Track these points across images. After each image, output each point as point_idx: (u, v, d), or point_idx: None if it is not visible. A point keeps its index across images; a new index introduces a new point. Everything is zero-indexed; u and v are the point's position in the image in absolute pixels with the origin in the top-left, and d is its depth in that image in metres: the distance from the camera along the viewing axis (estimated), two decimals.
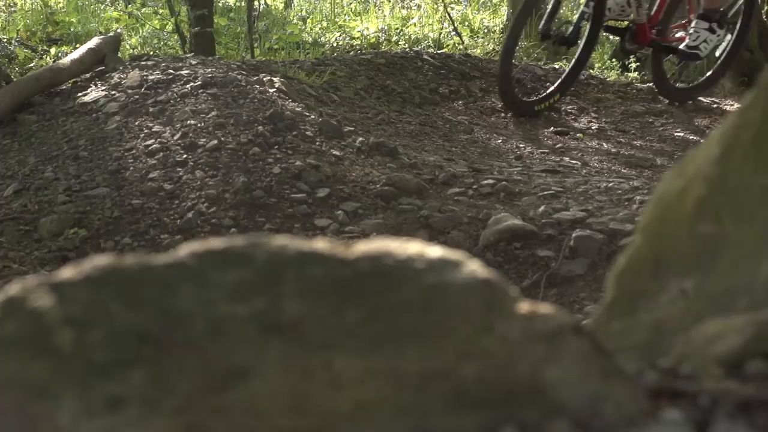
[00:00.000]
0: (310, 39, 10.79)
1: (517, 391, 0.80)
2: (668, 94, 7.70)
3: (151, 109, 5.49)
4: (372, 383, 0.79)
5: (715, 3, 7.16)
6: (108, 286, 0.83)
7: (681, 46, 7.26)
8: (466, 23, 11.86)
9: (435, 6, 11.97)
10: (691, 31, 7.26)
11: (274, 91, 5.74)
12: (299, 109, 5.57)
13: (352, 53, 9.78)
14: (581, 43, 6.99)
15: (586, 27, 6.94)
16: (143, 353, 0.79)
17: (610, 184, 4.76)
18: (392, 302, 0.84)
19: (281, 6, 13.15)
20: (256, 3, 10.27)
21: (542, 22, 6.96)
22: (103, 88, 6.00)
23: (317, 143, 5.13)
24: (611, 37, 11.74)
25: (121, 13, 11.20)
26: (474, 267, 0.87)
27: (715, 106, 8.05)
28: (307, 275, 0.85)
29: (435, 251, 0.88)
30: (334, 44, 10.68)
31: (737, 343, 0.86)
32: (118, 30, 10.55)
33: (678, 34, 7.50)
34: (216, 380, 0.79)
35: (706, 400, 0.80)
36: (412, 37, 11.14)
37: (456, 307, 0.84)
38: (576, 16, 7.01)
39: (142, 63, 6.34)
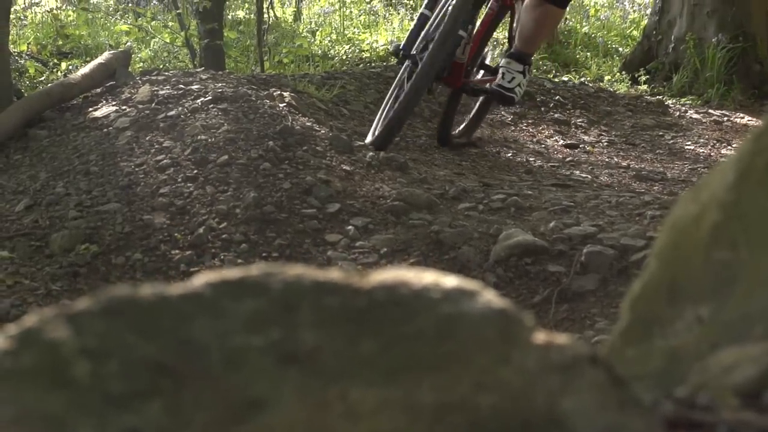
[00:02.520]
0: (320, 52, 10.81)
1: (533, 422, 0.80)
2: (447, 142, 6.45)
3: (161, 124, 5.50)
4: (387, 415, 0.79)
5: (531, 47, 6.18)
6: (124, 317, 0.83)
7: (495, 87, 6.01)
8: None
9: None
10: (504, 71, 6.05)
11: (284, 106, 5.74)
12: (309, 124, 5.57)
13: (361, 66, 9.79)
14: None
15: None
16: (160, 385, 0.79)
17: (621, 199, 4.76)
18: (408, 332, 0.84)
19: (291, 19, 13.17)
20: (265, 16, 10.29)
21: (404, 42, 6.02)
22: (114, 103, 6.01)
23: (327, 158, 5.13)
24: (620, 49, 11.76)
25: (131, 26, 11.22)
26: (490, 297, 0.87)
27: (725, 119, 8.05)
28: (323, 305, 0.85)
29: (450, 281, 0.88)
30: (344, 57, 10.69)
31: (754, 372, 0.86)
32: (129, 44, 10.58)
33: (479, 75, 6.49)
34: (233, 411, 0.79)
35: (724, 430, 0.80)
36: None
37: (472, 337, 0.84)
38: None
39: (153, 78, 6.35)
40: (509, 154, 6.36)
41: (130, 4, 12.89)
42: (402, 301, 0.86)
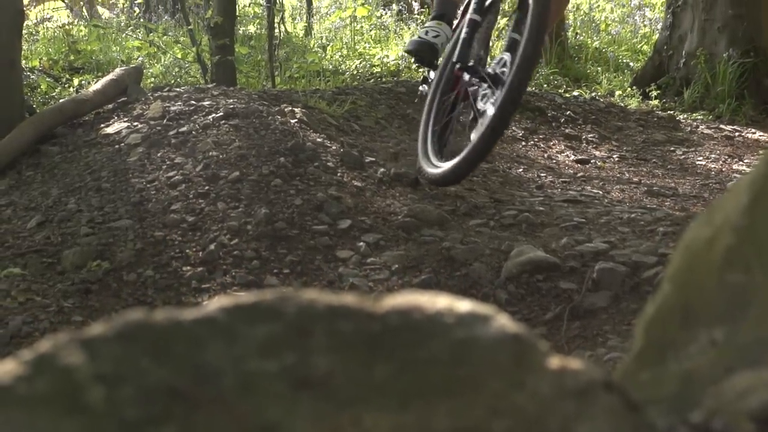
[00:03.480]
0: (331, 67, 10.83)
1: None
2: None
3: (173, 141, 5.51)
4: None
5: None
6: (138, 342, 0.83)
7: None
8: None
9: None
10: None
11: (296, 122, 5.76)
12: (320, 140, 5.58)
13: (372, 81, 9.80)
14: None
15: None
16: (173, 410, 0.79)
17: (633, 215, 4.75)
18: (421, 357, 0.84)
19: (301, 33, 13.21)
20: (276, 31, 10.31)
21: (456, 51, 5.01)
22: (126, 119, 6.03)
23: (339, 174, 5.14)
24: (631, 64, 11.76)
25: (143, 41, 11.25)
26: (504, 321, 0.87)
27: (736, 134, 8.04)
28: (337, 330, 0.85)
29: (464, 305, 0.88)
30: (354, 72, 10.71)
31: None
32: (140, 58, 10.61)
33: None
34: None
35: None
36: None
37: (486, 362, 0.84)
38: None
39: (164, 94, 6.37)
40: (520, 170, 6.36)
41: (141, 20, 12.94)
42: (416, 325, 0.86)
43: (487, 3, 5.03)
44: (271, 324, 0.85)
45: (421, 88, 5.69)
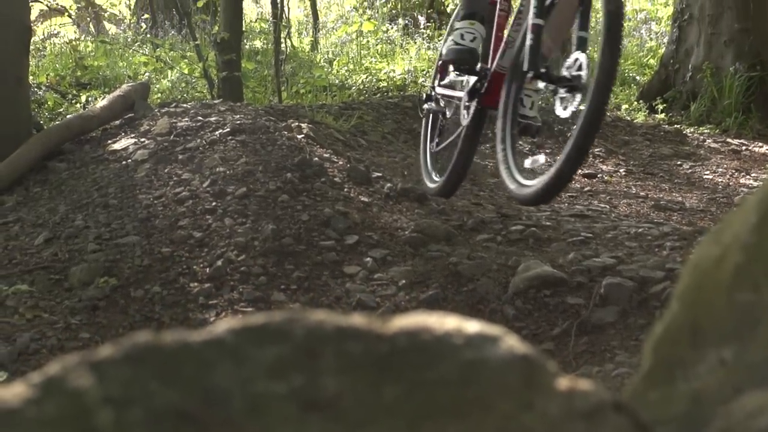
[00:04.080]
0: (337, 81, 10.84)
1: None
2: None
3: (180, 156, 5.52)
4: None
5: None
6: (147, 364, 0.83)
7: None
8: None
9: None
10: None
11: (302, 137, 5.76)
12: (327, 155, 5.58)
13: (378, 96, 9.81)
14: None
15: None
16: None
17: (640, 230, 4.74)
18: (430, 378, 0.83)
19: (308, 48, 13.22)
20: (282, 46, 10.32)
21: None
22: (133, 135, 6.04)
23: (345, 189, 5.14)
24: (638, 78, 11.76)
25: (149, 57, 11.27)
26: (512, 342, 0.86)
27: (743, 148, 8.03)
28: (345, 351, 0.85)
29: (473, 326, 0.87)
30: (361, 87, 10.72)
31: None
32: (147, 74, 10.63)
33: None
34: None
35: None
36: None
37: (495, 383, 0.83)
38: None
39: (171, 110, 6.38)
40: None
41: (148, 36, 12.96)
42: (424, 346, 0.85)
43: (546, 3, 4.51)
44: (280, 345, 0.85)
45: (426, 105, 5.36)
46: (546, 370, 0.85)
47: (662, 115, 9.67)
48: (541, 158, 4.20)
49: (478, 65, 4.92)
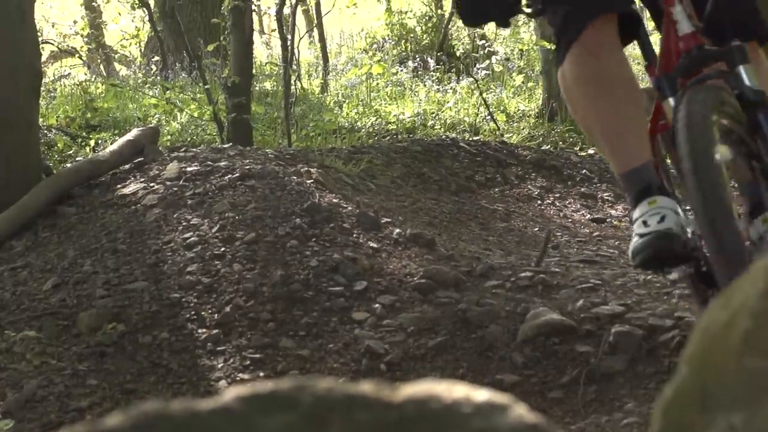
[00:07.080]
0: (347, 124, 10.86)
1: None
2: None
3: (189, 201, 5.53)
4: None
5: None
6: None
7: None
8: (502, 107, 11.91)
9: (470, 90, 12.03)
10: None
11: (312, 182, 5.77)
12: (336, 201, 5.59)
13: (387, 138, 9.83)
14: None
15: None
16: None
17: (649, 276, 4.73)
18: None
19: (317, 90, 13.26)
20: (292, 88, 10.36)
21: None
22: (142, 179, 6.05)
23: (354, 235, 5.14)
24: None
25: (159, 99, 11.31)
26: (521, 411, 0.86)
27: None
28: (354, 419, 0.85)
29: (481, 394, 0.87)
30: (370, 129, 10.74)
31: None
32: (157, 116, 10.67)
33: None
34: None
35: None
36: (448, 121, 11.19)
37: None
38: None
39: (181, 154, 6.40)
40: (536, 229, 6.35)
41: (158, 78, 13.02)
42: (433, 415, 0.85)
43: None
44: (288, 413, 0.85)
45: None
46: None
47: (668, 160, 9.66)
48: None
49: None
